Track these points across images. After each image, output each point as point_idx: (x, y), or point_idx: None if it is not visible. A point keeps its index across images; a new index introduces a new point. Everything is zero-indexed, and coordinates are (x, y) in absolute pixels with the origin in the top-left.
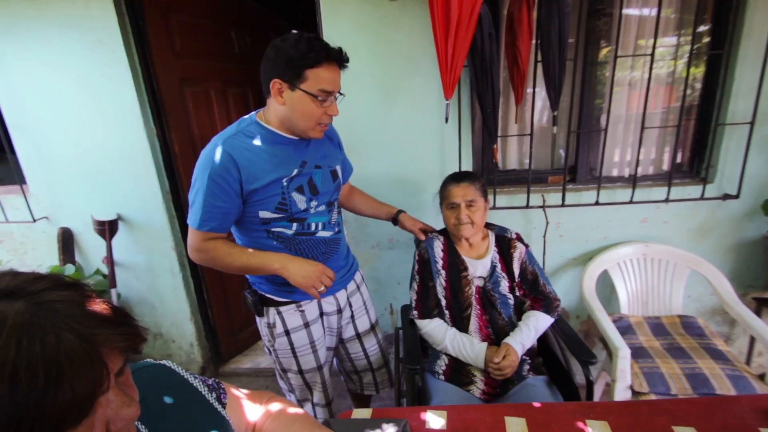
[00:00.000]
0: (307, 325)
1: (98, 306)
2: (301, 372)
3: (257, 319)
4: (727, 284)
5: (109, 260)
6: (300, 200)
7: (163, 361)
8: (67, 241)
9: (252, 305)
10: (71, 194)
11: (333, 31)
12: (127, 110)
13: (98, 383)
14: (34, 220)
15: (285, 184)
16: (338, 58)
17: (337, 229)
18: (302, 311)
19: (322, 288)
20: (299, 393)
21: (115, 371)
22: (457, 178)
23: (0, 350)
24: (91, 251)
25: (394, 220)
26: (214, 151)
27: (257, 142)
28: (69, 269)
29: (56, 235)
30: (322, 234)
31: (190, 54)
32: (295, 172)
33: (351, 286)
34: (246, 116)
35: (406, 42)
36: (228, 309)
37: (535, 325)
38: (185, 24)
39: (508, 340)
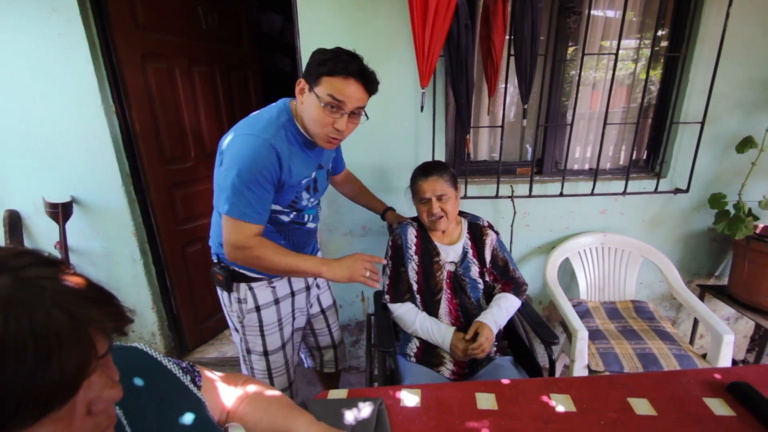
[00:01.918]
0: (277, 301)
1: (84, 285)
2: (266, 353)
3: (225, 295)
4: (675, 272)
5: (63, 246)
6: (305, 198)
7: (135, 344)
8: (14, 224)
9: (222, 281)
10: (19, 174)
11: (309, 13)
12: (83, 85)
13: (86, 363)
14: None
15: (303, 184)
16: (357, 74)
17: (318, 221)
18: (273, 287)
19: (368, 274)
20: (260, 379)
21: (101, 353)
22: (425, 171)
23: None
24: (43, 236)
25: (382, 215)
26: (262, 146)
27: (294, 143)
28: None
29: (2, 218)
30: (310, 225)
31: (153, 28)
32: (313, 174)
33: None
34: (280, 105)
35: (384, 28)
36: (192, 297)
37: (506, 305)
38: None
39: (480, 318)
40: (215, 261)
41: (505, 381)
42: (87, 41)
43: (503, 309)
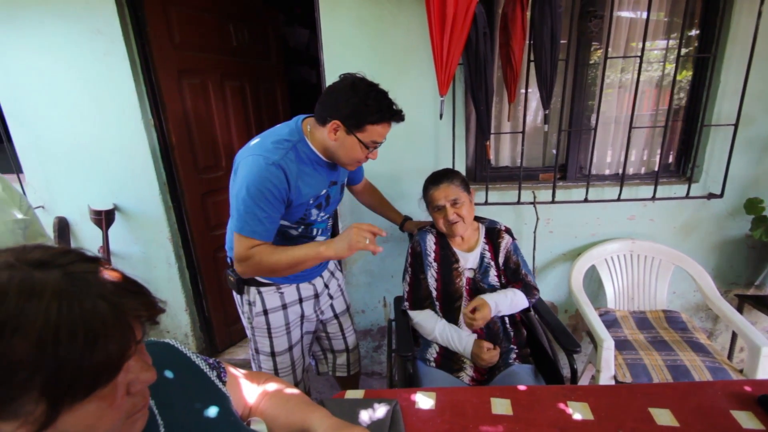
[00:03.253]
0: (284, 306)
1: (122, 279)
2: (273, 354)
3: (237, 297)
4: (710, 281)
5: (106, 250)
6: (315, 213)
7: (167, 339)
8: (63, 230)
9: (234, 284)
10: (68, 184)
11: (331, 26)
12: (124, 100)
13: (127, 347)
14: None
15: (311, 202)
16: (398, 120)
17: (329, 233)
18: (281, 293)
19: (368, 242)
20: None
21: (138, 339)
22: (435, 180)
23: (44, 313)
24: (88, 241)
25: (401, 226)
26: (270, 167)
27: (305, 162)
28: None
29: (52, 224)
30: (319, 238)
31: (188, 46)
32: (324, 192)
33: (326, 273)
34: (292, 125)
35: (403, 39)
36: (223, 300)
37: (512, 296)
38: (184, 16)
39: (482, 296)
40: (229, 264)
41: (522, 387)
42: (129, 60)
43: (508, 298)
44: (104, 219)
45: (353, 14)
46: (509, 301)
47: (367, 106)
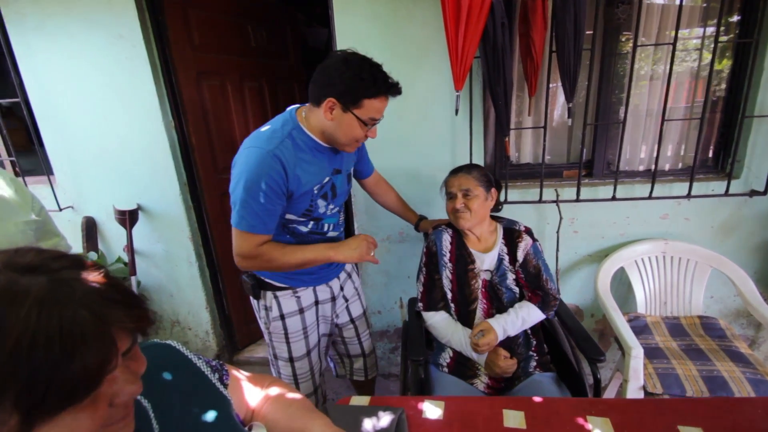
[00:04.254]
0: (301, 311)
1: (112, 288)
2: (291, 360)
3: (254, 302)
4: (752, 285)
5: (130, 249)
6: (322, 205)
7: (169, 341)
8: (90, 229)
9: (250, 289)
10: (95, 184)
11: (345, 23)
12: (146, 103)
13: (107, 360)
14: (60, 209)
15: (316, 191)
16: (395, 93)
17: (341, 229)
18: (298, 297)
19: (372, 254)
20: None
21: (123, 351)
22: (455, 170)
23: (22, 320)
24: (113, 240)
25: (416, 225)
26: (265, 157)
27: (303, 150)
28: (92, 256)
29: (80, 223)
30: (331, 234)
31: (207, 48)
32: (327, 179)
33: (342, 275)
34: (286, 115)
35: (419, 34)
36: (242, 299)
37: (524, 316)
38: (203, 19)
39: (490, 320)
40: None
41: (537, 399)
42: (149, 63)
43: (519, 318)
44: (128, 219)
45: (367, 10)
46: (520, 322)
47: (362, 80)
